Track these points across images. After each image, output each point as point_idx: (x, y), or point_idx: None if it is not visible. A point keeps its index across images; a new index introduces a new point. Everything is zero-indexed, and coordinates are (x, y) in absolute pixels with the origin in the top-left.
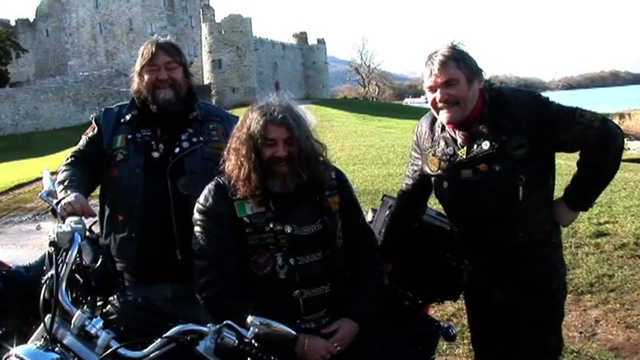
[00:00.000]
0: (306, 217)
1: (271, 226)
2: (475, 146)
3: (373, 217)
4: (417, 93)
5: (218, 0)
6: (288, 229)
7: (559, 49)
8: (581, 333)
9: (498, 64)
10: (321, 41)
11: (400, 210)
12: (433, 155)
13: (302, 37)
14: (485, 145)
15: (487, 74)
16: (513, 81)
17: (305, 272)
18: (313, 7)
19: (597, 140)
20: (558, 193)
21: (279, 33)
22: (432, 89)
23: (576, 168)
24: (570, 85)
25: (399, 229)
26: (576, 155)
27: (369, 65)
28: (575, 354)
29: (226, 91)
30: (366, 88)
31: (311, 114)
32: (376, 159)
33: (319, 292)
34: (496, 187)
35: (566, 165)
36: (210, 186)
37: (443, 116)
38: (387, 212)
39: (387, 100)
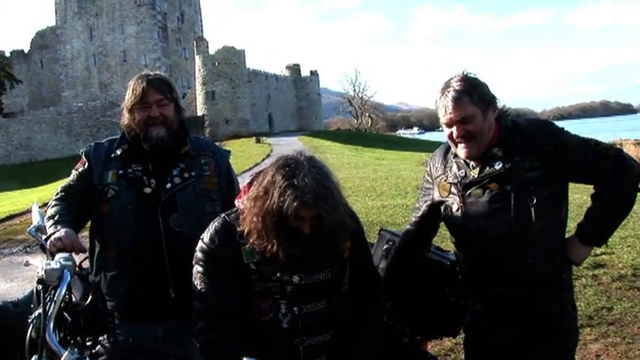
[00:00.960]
0: (315, 266)
1: (278, 275)
2: (488, 167)
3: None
4: (410, 124)
5: (212, 32)
6: (296, 279)
7: (548, 80)
8: None
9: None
10: (314, 73)
11: (406, 246)
12: (445, 181)
13: (295, 68)
14: (498, 165)
15: None
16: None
17: (308, 320)
18: (306, 39)
19: (612, 170)
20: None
21: (272, 65)
22: (448, 125)
23: (590, 201)
24: (562, 116)
25: (403, 265)
26: (590, 189)
27: (362, 97)
28: None
29: (220, 122)
30: (359, 120)
31: (302, 146)
32: (370, 190)
33: (321, 339)
34: (506, 208)
35: (581, 199)
36: (217, 225)
37: (461, 151)
38: (385, 247)
39: (380, 132)
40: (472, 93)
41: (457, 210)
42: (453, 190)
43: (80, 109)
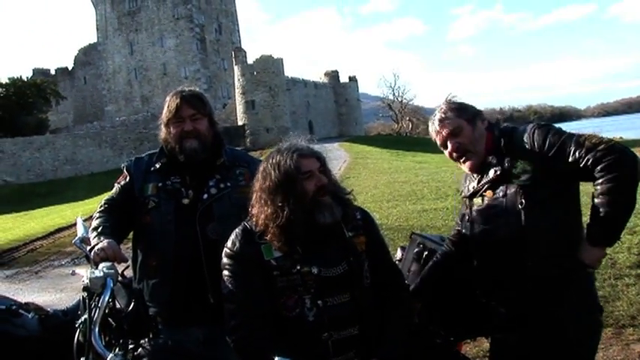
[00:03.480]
0: (332, 258)
1: (298, 267)
2: (484, 176)
3: (402, 255)
4: None
5: (250, 42)
6: (315, 270)
7: (591, 76)
8: None
9: (532, 94)
10: (352, 79)
11: (447, 255)
12: (463, 197)
13: (334, 75)
14: (492, 172)
15: (521, 104)
16: (548, 110)
17: (333, 314)
18: (344, 45)
19: (606, 163)
20: None
21: (311, 72)
22: (443, 145)
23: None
24: (607, 112)
25: (442, 272)
26: None
27: (401, 100)
28: None
29: (260, 131)
30: (400, 124)
31: (344, 152)
32: (410, 195)
33: (348, 333)
34: (499, 213)
35: None
36: (237, 230)
37: (465, 167)
38: (415, 250)
39: (420, 135)
40: (454, 108)
41: (467, 220)
42: (467, 202)
43: (123, 123)
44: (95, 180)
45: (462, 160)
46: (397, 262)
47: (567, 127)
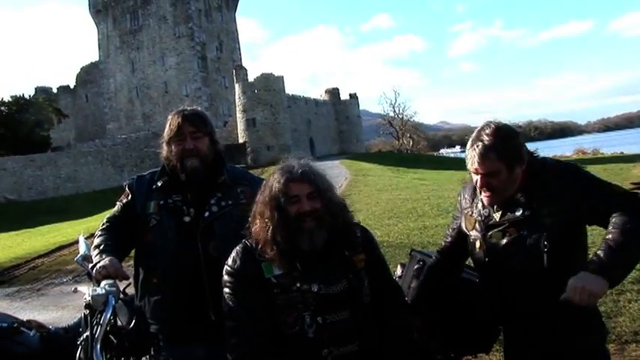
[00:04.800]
0: (332, 276)
1: (298, 285)
2: (509, 212)
3: (402, 272)
4: (452, 143)
5: (251, 60)
6: (315, 288)
7: (592, 91)
8: None
9: (533, 110)
10: (353, 96)
11: (438, 266)
12: (470, 215)
13: (334, 92)
14: (519, 211)
15: (522, 120)
16: (549, 126)
17: (333, 330)
18: (344, 62)
19: (626, 207)
20: None
21: (312, 90)
22: (474, 173)
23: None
24: (607, 127)
25: (434, 284)
26: None
27: (402, 117)
28: None
29: (261, 149)
30: (401, 141)
31: (345, 169)
32: (411, 212)
33: (348, 350)
34: (521, 251)
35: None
36: (238, 248)
37: (484, 198)
38: (415, 266)
39: (421, 152)
40: (500, 149)
41: (479, 247)
42: (477, 226)
43: (124, 141)
44: (96, 198)
45: (484, 194)
46: (397, 279)
47: (568, 142)
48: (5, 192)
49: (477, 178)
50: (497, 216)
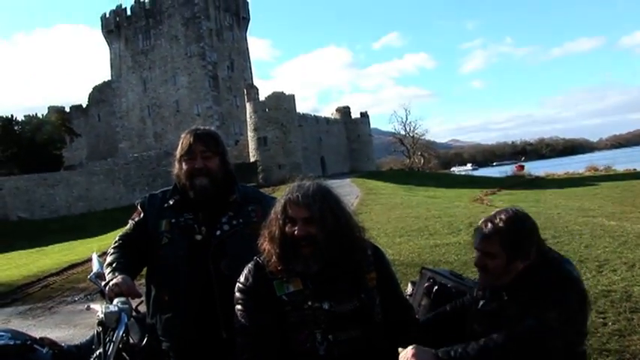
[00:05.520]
0: (343, 294)
1: (310, 303)
2: (488, 304)
3: (413, 289)
4: (463, 161)
5: (262, 79)
6: (326, 306)
7: (604, 107)
8: None
9: (544, 127)
10: (364, 114)
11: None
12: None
13: (345, 111)
14: (492, 306)
15: (533, 137)
16: (560, 143)
17: (344, 348)
18: (354, 81)
19: (524, 330)
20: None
21: (322, 109)
22: (476, 250)
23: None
24: (619, 144)
25: (445, 302)
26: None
27: (413, 136)
28: None
29: (272, 167)
30: (412, 159)
31: (356, 188)
32: (423, 230)
33: None
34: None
35: (618, 226)
36: (250, 265)
37: (479, 277)
38: (426, 284)
39: (433, 170)
40: (506, 236)
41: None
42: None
43: (136, 160)
44: (108, 216)
45: (478, 273)
46: (408, 297)
47: (579, 159)
48: (18, 210)
49: (476, 254)
50: (481, 303)
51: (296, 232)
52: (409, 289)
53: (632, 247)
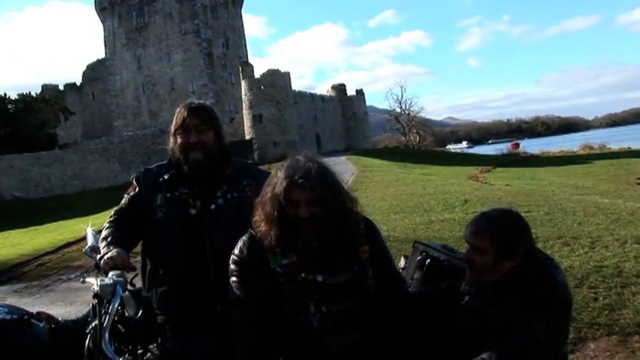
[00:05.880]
0: (336, 267)
1: (303, 275)
2: (473, 300)
3: (406, 263)
4: (459, 139)
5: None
6: (320, 278)
7: (599, 86)
8: None
9: (540, 105)
10: (359, 92)
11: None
12: None
13: (341, 88)
14: (477, 303)
15: (529, 115)
16: (555, 121)
17: (337, 320)
18: (350, 58)
19: (513, 346)
20: None
21: (318, 86)
22: (466, 241)
23: None
24: (615, 122)
25: (437, 276)
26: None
27: (409, 113)
28: None
29: (268, 145)
30: (407, 136)
31: (351, 165)
32: (418, 207)
33: (352, 339)
34: (475, 345)
35: (611, 203)
36: (245, 238)
37: (467, 273)
38: (418, 258)
39: (428, 148)
40: (498, 233)
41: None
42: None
43: (131, 138)
44: (103, 195)
45: (467, 270)
46: (401, 271)
47: (574, 138)
48: (12, 190)
49: (466, 248)
50: (466, 298)
51: (300, 214)
52: (402, 262)
53: (625, 224)
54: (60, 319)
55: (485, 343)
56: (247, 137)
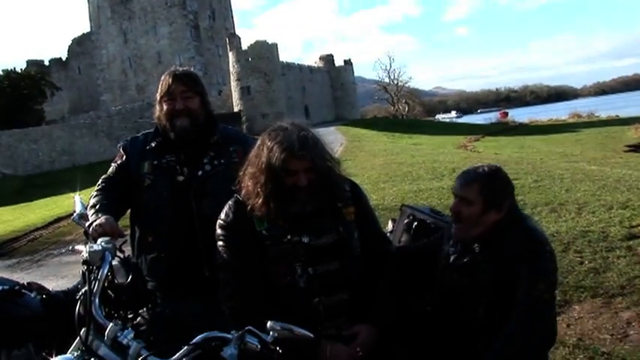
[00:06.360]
0: (322, 228)
1: (289, 237)
2: (460, 258)
3: (393, 226)
4: (448, 108)
5: (244, 28)
6: (305, 240)
7: (588, 55)
8: (612, 335)
9: (529, 74)
10: (347, 62)
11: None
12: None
13: (329, 59)
14: (466, 259)
15: (518, 84)
16: (544, 90)
17: (323, 280)
18: (338, 28)
19: (526, 313)
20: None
21: (306, 57)
22: (454, 197)
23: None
24: (603, 91)
25: (424, 238)
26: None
27: (397, 83)
28: (605, 355)
29: (256, 117)
30: (396, 106)
31: (340, 135)
32: (407, 175)
33: (338, 299)
34: (461, 302)
35: (599, 170)
36: (230, 203)
37: (453, 229)
38: (406, 221)
39: (417, 117)
40: (486, 184)
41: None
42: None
43: (119, 112)
44: (93, 170)
45: (454, 226)
46: (388, 234)
47: (563, 106)
48: (1, 167)
49: (454, 201)
50: (452, 258)
51: (299, 183)
52: (389, 226)
53: (611, 190)
54: (51, 289)
55: (471, 302)
56: (235, 109)
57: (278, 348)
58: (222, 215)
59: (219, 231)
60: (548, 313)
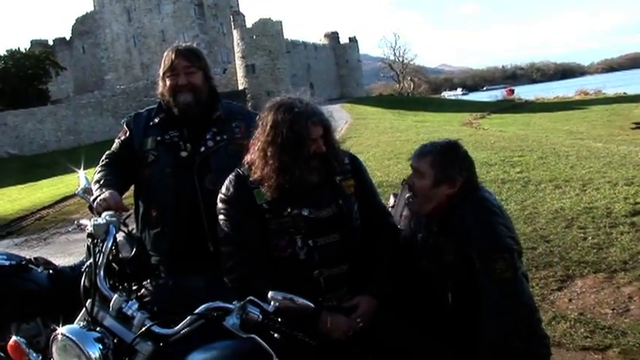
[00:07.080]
0: (322, 201)
1: (289, 210)
2: (424, 239)
3: (395, 201)
4: (454, 86)
5: (248, 5)
6: (305, 213)
7: (595, 32)
8: (613, 310)
9: (535, 51)
10: (352, 40)
11: None
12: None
13: (334, 36)
14: (430, 240)
15: (524, 61)
16: (551, 68)
17: (324, 252)
18: (343, 5)
19: (492, 300)
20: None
21: (310, 35)
22: (411, 168)
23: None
24: (611, 68)
25: None
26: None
27: (403, 61)
28: (607, 330)
29: (261, 95)
30: (401, 84)
31: (346, 113)
32: (411, 152)
33: (339, 271)
34: (430, 285)
35: (604, 147)
36: (231, 177)
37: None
38: (407, 195)
39: (423, 95)
40: (438, 158)
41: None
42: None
43: (124, 91)
44: (98, 149)
45: (407, 194)
46: (390, 209)
47: (570, 83)
48: (7, 147)
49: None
50: (419, 236)
51: (319, 150)
52: (391, 200)
53: (617, 167)
54: (58, 264)
55: (439, 283)
56: (240, 87)
57: (280, 318)
58: (223, 189)
59: (220, 205)
60: (515, 291)
